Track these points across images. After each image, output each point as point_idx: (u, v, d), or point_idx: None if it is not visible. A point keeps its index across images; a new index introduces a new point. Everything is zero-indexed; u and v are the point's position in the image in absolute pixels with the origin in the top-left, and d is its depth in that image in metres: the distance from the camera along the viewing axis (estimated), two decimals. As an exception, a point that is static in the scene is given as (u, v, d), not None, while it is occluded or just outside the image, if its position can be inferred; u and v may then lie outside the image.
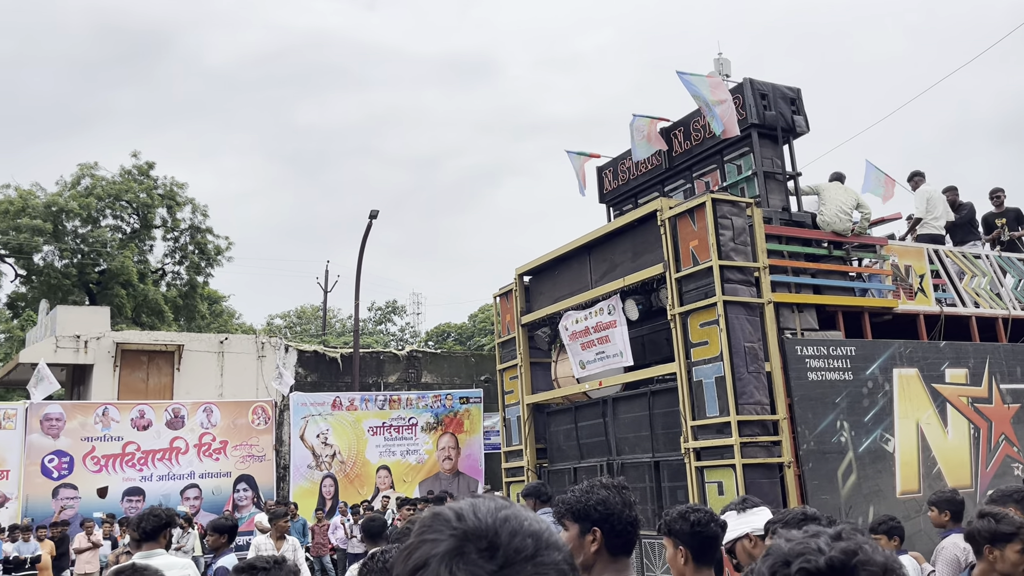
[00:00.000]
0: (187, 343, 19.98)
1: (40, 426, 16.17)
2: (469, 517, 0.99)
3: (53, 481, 16.09)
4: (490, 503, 1.03)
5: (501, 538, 0.96)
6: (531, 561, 0.95)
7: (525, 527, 0.99)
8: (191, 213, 34.23)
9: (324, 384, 21.29)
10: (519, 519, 1.00)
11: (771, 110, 9.54)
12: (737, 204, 8.44)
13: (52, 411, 16.45)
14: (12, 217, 29.68)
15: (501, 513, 1.00)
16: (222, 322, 36.40)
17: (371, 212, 21.51)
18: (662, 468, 8.85)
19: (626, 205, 11.69)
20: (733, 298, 8.03)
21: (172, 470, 17.16)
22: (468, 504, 1.03)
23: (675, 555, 3.09)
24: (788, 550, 1.21)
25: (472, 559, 0.94)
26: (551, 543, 0.99)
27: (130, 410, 17.12)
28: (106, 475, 16.58)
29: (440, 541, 0.97)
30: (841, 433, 8.26)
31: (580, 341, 10.11)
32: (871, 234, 10.27)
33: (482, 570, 0.93)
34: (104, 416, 16.80)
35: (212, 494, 17.36)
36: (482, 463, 19.77)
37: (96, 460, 16.53)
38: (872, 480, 8.27)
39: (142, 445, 16.97)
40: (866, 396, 8.54)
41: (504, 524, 0.98)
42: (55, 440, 16.27)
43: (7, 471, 15.79)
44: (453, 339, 43.18)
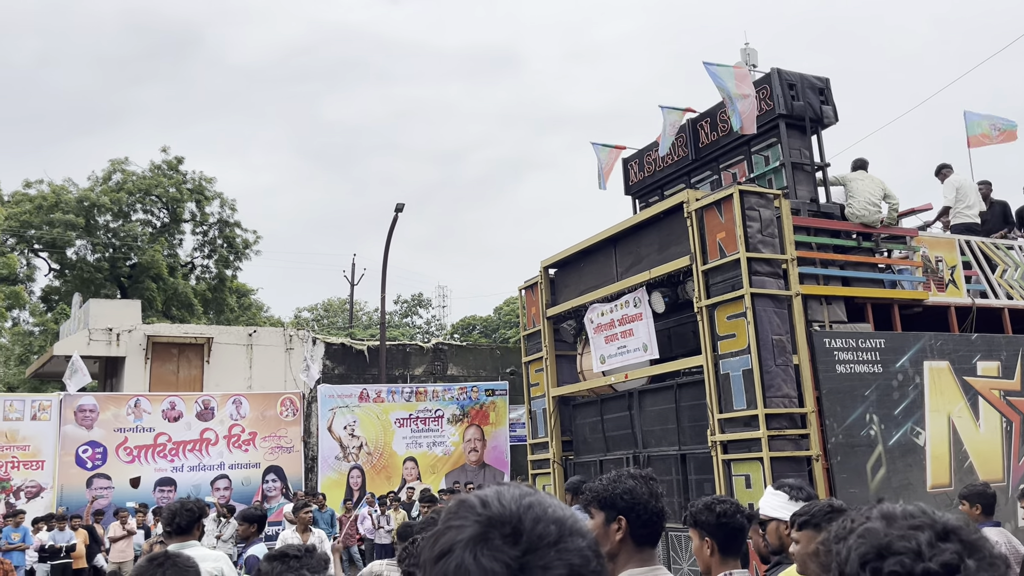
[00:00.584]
0: (216, 336, 20.21)
1: (74, 417, 16.47)
2: (494, 504, 1.01)
3: (87, 471, 16.39)
4: (515, 490, 1.04)
5: (524, 524, 0.97)
6: (554, 547, 0.96)
7: (549, 514, 1.00)
8: (219, 207, 34.63)
9: (351, 376, 21.44)
10: (543, 506, 1.01)
11: (799, 100, 9.44)
12: (765, 195, 8.37)
13: (86, 402, 16.74)
14: (46, 212, 30.20)
15: (525, 500, 1.01)
16: (250, 315, 36.79)
17: (396, 206, 21.61)
18: (688, 461, 8.83)
19: (652, 197, 11.64)
20: (761, 290, 7.98)
21: (202, 461, 17.41)
22: (493, 491, 1.04)
23: (701, 546, 3.10)
24: (885, 542, 1.10)
25: (496, 544, 0.96)
26: (575, 530, 1.00)
27: (161, 402, 17.38)
28: (138, 465, 16.85)
29: (465, 527, 0.99)
30: (870, 426, 8.18)
31: (604, 334, 10.10)
32: (901, 225, 10.15)
33: (505, 555, 0.95)
34: (136, 408, 17.07)
35: (242, 485, 17.58)
36: (508, 455, 19.82)
37: (128, 451, 16.81)
38: (902, 474, 8.18)
39: (173, 436, 17.23)
40: (896, 389, 8.45)
41: (528, 511, 0.99)
42: (89, 431, 16.56)
43: (42, 461, 16.10)
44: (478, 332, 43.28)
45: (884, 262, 9.53)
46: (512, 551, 0.95)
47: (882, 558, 1.09)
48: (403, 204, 21.60)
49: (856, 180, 9.47)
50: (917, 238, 9.77)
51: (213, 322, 31.96)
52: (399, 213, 21.67)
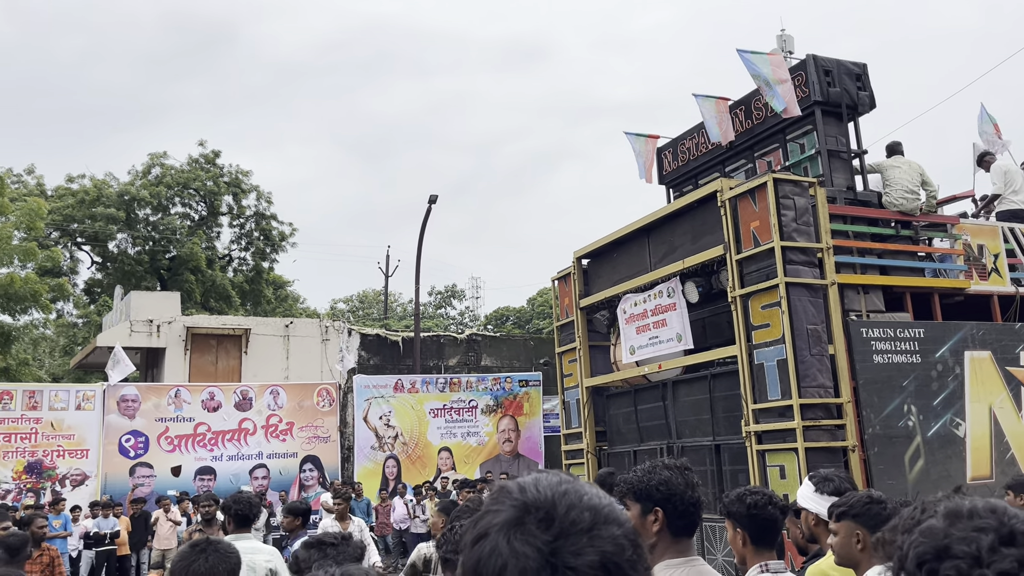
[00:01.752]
0: (254, 327, 20.50)
1: (117, 407, 16.84)
2: (530, 490, 1.03)
3: (130, 460, 16.75)
4: (553, 478, 1.06)
5: (558, 510, 0.99)
6: (587, 534, 0.97)
7: (584, 501, 1.01)
8: (256, 200, 35.05)
9: (386, 367, 21.63)
10: (579, 493, 1.02)
11: (835, 87, 9.29)
12: (800, 184, 8.27)
13: (128, 393, 17.10)
14: (88, 206, 30.81)
15: (561, 487, 1.03)
16: (287, 307, 37.23)
17: (430, 197, 21.69)
18: (723, 451, 8.79)
19: (686, 186, 11.56)
20: (796, 280, 7.90)
21: (241, 450, 17.69)
22: (532, 478, 1.06)
23: (735, 536, 3.10)
24: (944, 543, 1.07)
25: (529, 529, 0.98)
26: (611, 518, 1.00)
27: (201, 392, 17.69)
28: (179, 455, 17.18)
29: (501, 512, 1.01)
30: (908, 417, 8.07)
31: (635, 325, 10.07)
32: (941, 212, 9.96)
33: (538, 540, 0.97)
34: (176, 398, 17.40)
35: (279, 474, 17.85)
36: (542, 445, 19.87)
37: (169, 440, 17.14)
38: (941, 465, 8.06)
39: (212, 426, 17.53)
40: (935, 379, 8.31)
41: (563, 497, 1.01)
42: (131, 420, 16.91)
43: (87, 450, 16.49)
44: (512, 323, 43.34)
45: (924, 250, 9.37)
46: (544, 536, 0.97)
47: (940, 560, 1.06)
48: (436, 196, 21.68)
49: (893, 167, 9.31)
50: (958, 226, 9.59)
51: (250, 314, 32.41)
52: (432, 205, 21.76)
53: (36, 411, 16.21)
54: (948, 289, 9.20)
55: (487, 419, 19.62)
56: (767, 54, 9.25)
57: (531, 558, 0.95)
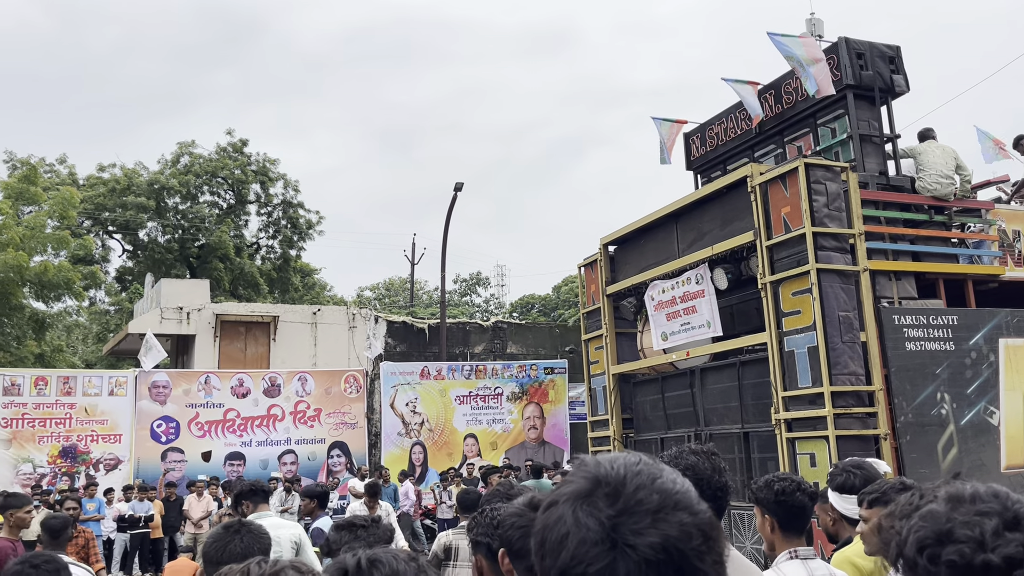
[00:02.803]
0: (282, 314, 20.68)
1: (148, 393, 17.09)
2: (605, 465, 1.03)
3: (161, 445, 17.01)
4: (632, 457, 1.05)
5: (627, 487, 0.99)
6: (653, 515, 0.96)
7: (656, 484, 1.00)
8: (283, 188, 35.26)
9: (412, 354, 21.73)
10: (652, 475, 1.01)
11: (868, 70, 9.14)
12: (831, 168, 8.16)
13: (159, 379, 17.34)
14: (119, 195, 31.21)
15: (636, 467, 1.02)
16: (314, 294, 37.50)
17: (456, 185, 21.68)
18: (751, 439, 8.73)
19: (714, 172, 11.45)
20: (827, 266, 7.80)
21: (270, 436, 17.89)
22: (612, 455, 1.06)
23: (763, 523, 3.08)
24: (946, 528, 1.05)
25: (595, 502, 0.98)
26: (682, 504, 0.99)
27: (230, 378, 17.89)
28: (209, 440, 17.41)
29: (574, 483, 1.03)
30: (942, 405, 7.96)
31: (665, 312, 10.01)
32: (975, 197, 9.78)
33: (601, 513, 0.97)
34: (206, 384, 17.61)
35: (308, 460, 18.02)
36: (567, 432, 19.88)
37: (200, 426, 17.37)
38: (975, 454, 7.95)
39: (241, 412, 17.73)
40: (969, 367, 8.19)
41: (635, 476, 1.00)
42: (162, 406, 17.16)
43: (120, 435, 16.76)
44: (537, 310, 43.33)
45: (958, 236, 9.21)
46: (608, 510, 0.97)
47: (941, 544, 1.04)
48: (462, 183, 21.67)
49: (926, 152, 9.15)
50: (993, 211, 9.41)
51: (278, 301, 32.70)
52: (458, 192, 21.76)
53: (70, 396, 16.50)
54: (982, 275, 9.04)
55: (512, 406, 19.66)
56: (799, 37, 9.13)
57: (592, 530, 0.96)
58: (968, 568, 1.01)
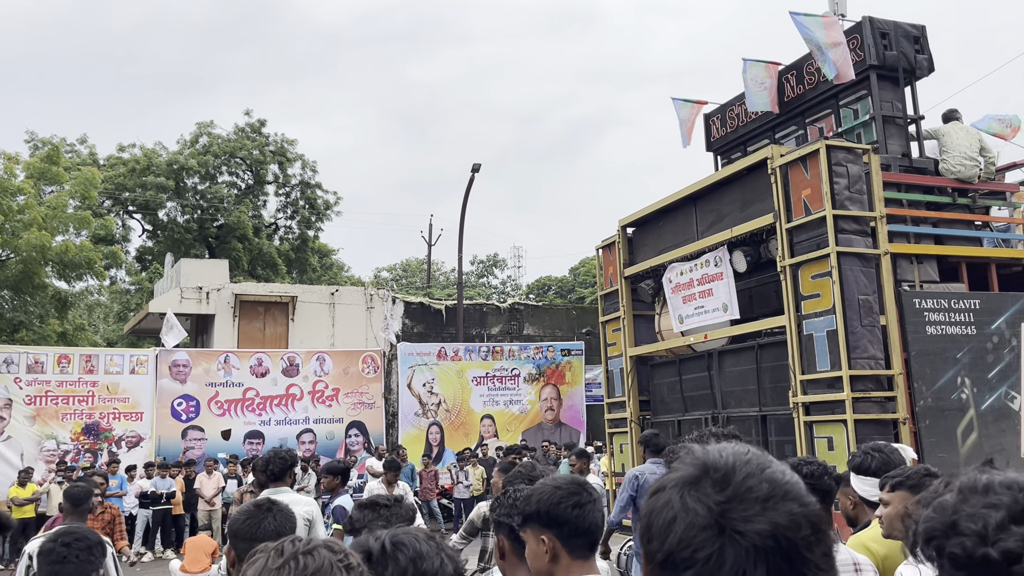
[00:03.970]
0: (300, 295, 20.79)
1: (169, 372, 17.27)
2: (713, 452, 1.04)
3: (182, 423, 17.21)
4: (740, 447, 1.06)
5: (736, 475, 0.99)
6: (762, 503, 0.97)
7: (766, 473, 1.00)
8: (301, 169, 35.34)
9: (429, 335, 21.81)
10: (761, 465, 1.01)
11: (892, 50, 9.02)
12: (853, 151, 8.08)
13: (179, 358, 17.52)
14: (138, 175, 31.40)
15: (746, 456, 1.03)
16: (332, 275, 37.65)
17: (473, 166, 21.64)
18: (769, 422, 8.72)
19: (734, 153, 11.36)
20: (847, 249, 7.75)
21: (288, 415, 18.05)
22: (720, 445, 1.07)
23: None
24: (952, 520, 1.05)
25: (704, 488, 0.99)
26: (792, 495, 0.99)
27: (249, 358, 18.04)
28: (229, 419, 17.59)
29: (682, 469, 1.04)
30: (962, 390, 7.91)
31: (682, 294, 9.99)
32: (1000, 179, 9.65)
33: (710, 499, 0.98)
34: (226, 363, 17.78)
35: (326, 439, 18.19)
36: (584, 414, 19.93)
37: (220, 404, 17.55)
38: (995, 439, 7.91)
39: (260, 391, 17.89)
40: (991, 351, 8.12)
41: (744, 465, 1.01)
42: (182, 385, 17.34)
43: (141, 413, 16.97)
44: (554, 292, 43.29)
45: (981, 219, 9.11)
46: (717, 496, 0.98)
47: (947, 537, 1.04)
48: (479, 164, 21.63)
49: (951, 133, 9.03)
50: (1018, 194, 9.29)
51: (296, 281, 32.87)
52: (476, 173, 21.72)
53: (92, 375, 16.70)
54: (1006, 259, 8.95)
55: (529, 387, 19.72)
56: (821, 16, 9.00)
57: (700, 515, 0.97)
58: (968, 561, 1.00)
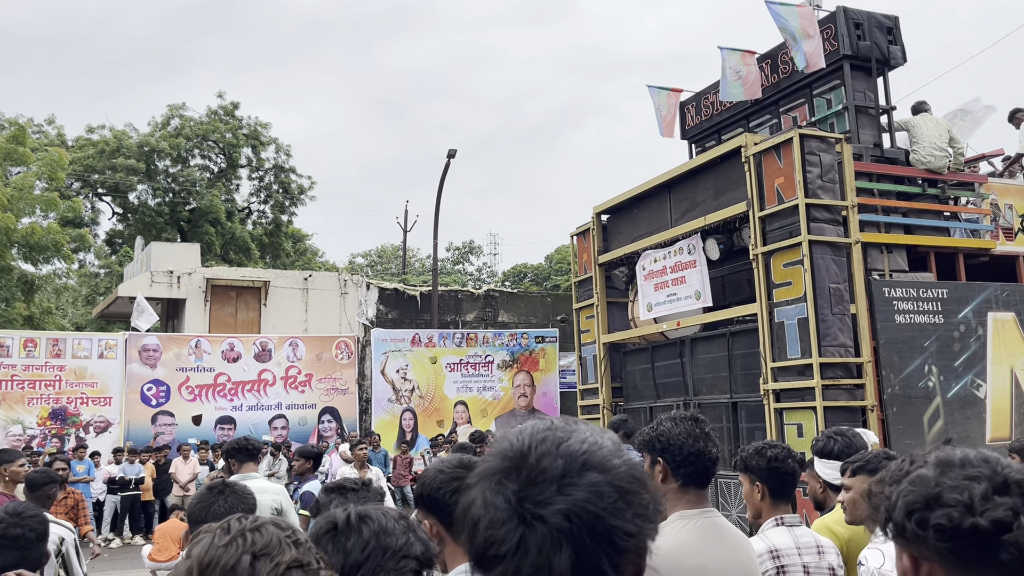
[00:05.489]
0: (273, 279, 20.61)
1: (139, 356, 17.06)
2: (511, 439, 1.01)
3: (151, 408, 17.01)
4: (541, 424, 1.02)
5: (528, 459, 0.96)
6: (557, 482, 0.94)
7: (561, 448, 0.97)
8: (275, 153, 34.97)
9: (404, 321, 21.73)
10: (558, 440, 0.98)
11: (865, 40, 9.07)
12: (826, 140, 8.13)
13: (149, 342, 17.30)
14: (108, 157, 30.89)
15: (541, 434, 1.00)
16: (306, 260, 37.36)
17: (449, 152, 21.54)
18: (740, 409, 8.79)
19: (709, 142, 11.39)
20: (819, 237, 7.80)
21: (260, 401, 17.92)
22: (522, 426, 1.04)
23: (751, 491, 3.09)
24: (935, 492, 1.04)
25: (501, 480, 0.97)
26: (591, 464, 0.96)
27: (221, 343, 17.87)
28: (200, 404, 17.43)
29: (486, 462, 1.01)
30: (929, 378, 8.02)
31: (653, 282, 10.02)
32: (970, 171, 9.77)
33: (507, 489, 0.95)
34: (197, 348, 17.59)
35: (299, 425, 18.09)
36: (557, 401, 19.98)
37: (190, 389, 17.38)
38: (960, 426, 8.03)
39: (232, 376, 17.74)
40: (957, 340, 8.24)
41: (539, 444, 0.98)
42: (152, 370, 17.14)
43: (110, 398, 16.76)
44: (530, 279, 43.32)
45: (950, 209, 9.22)
46: (512, 485, 0.95)
47: (930, 509, 1.04)
48: (455, 150, 21.53)
49: (921, 124, 9.12)
50: (987, 184, 9.41)
51: (269, 266, 32.58)
52: (451, 159, 21.62)
53: (60, 359, 16.45)
54: (973, 249, 9.07)
55: (503, 374, 19.73)
56: (796, 6, 9.03)
57: (500, 508, 0.94)
58: (956, 532, 1.01)
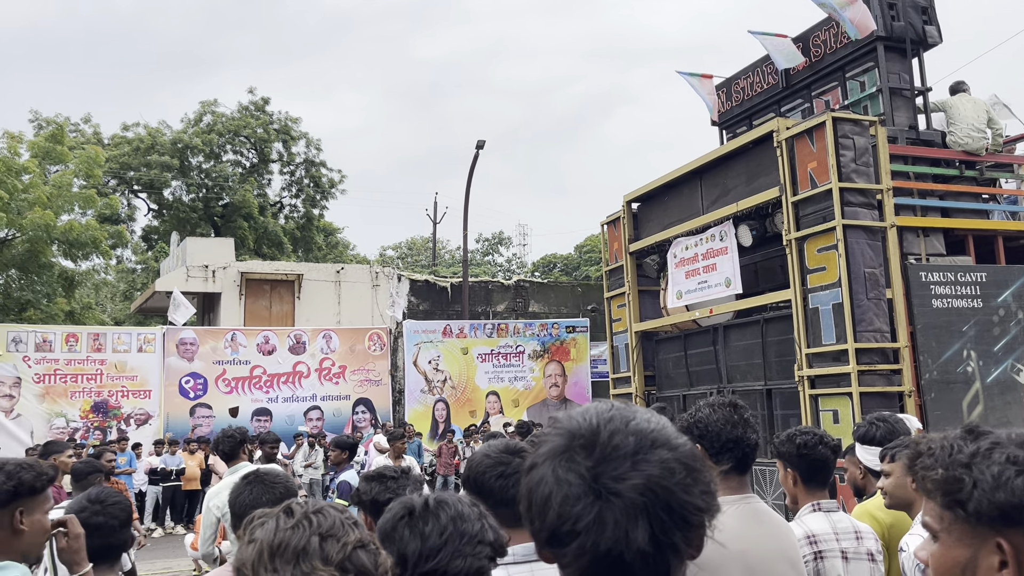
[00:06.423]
0: (306, 273, 20.82)
1: (176, 350, 17.36)
2: (577, 418, 1.05)
3: (190, 401, 17.31)
4: (603, 405, 1.06)
5: (601, 436, 1.00)
6: (631, 458, 0.98)
7: (630, 427, 1.01)
8: (305, 147, 35.25)
9: (435, 312, 21.85)
10: (625, 419, 1.02)
11: (899, 20, 8.92)
12: (859, 123, 8.01)
13: (186, 336, 17.60)
14: (143, 154, 31.35)
15: (608, 414, 1.04)
16: (337, 253, 37.67)
17: (477, 143, 21.58)
18: (775, 396, 8.74)
19: (740, 127, 11.29)
20: (853, 222, 7.71)
21: (295, 392, 18.15)
22: (583, 407, 1.08)
23: (786, 477, 3.10)
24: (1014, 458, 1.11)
25: (572, 456, 1.00)
26: (659, 441, 1.00)
27: (256, 336, 18.11)
28: (236, 396, 17.70)
29: (550, 442, 1.04)
30: (968, 363, 7.90)
31: (684, 269, 9.97)
32: (1009, 152, 9.58)
33: (580, 466, 0.98)
34: (233, 341, 17.85)
35: (333, 416, 18.30)
36: (589, 390, 20.00)
37: (227, 382, 17.65)
38: (1000, 411, 7.91)
39: (268, 369, 17.99)
40: (997, 324, 8.11)
41: (608, 423, 1.02)
42: (190, 363, 17.43)
43: (149, 391, 17.08)
44: (559, 270, 43.27)
45: (988, 191, 9.05)
46: (586, 462, 0.98)
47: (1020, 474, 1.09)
48: (484, 141, 21.56)
49: (958, 105, 8.96)
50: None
51: (302, 260, 32.89)
52: (480, 150, 21.66)
53: (100, 353, 16.80)
54: (1013, 232, 8.90)
55: (534, 364, 19.78)
56: (828, -14, 8.91)
57: (574, 485, 0.97)
58: None
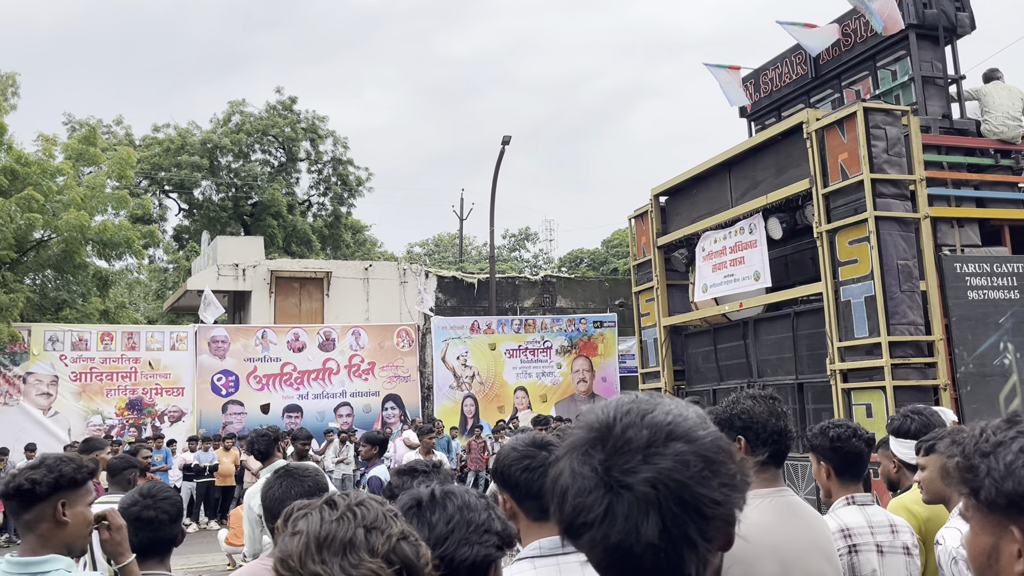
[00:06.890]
0: (335, 270, 20.96)
1: (208, 348, 17.58)
2: (597, 412, 1.05)
3: (222, 398, 17.53)
4: (626, 399, 1.06)
5: (614, 430, 1.00)
6: (643, 451, 0.97)
7: (647, 419, 1.00)
8: (332, 145, 35.46)
9: (462, 309, 21.89)
10: (643, 411, 1.01)
11: (932, 8, 8.78)
12: (891, 112, 7.90)
13: (218, 334, 17.81)
14: (173, 155, 31.76)
15: (626, 407, 1.03)
16: (365, 250, 37.88)
17: (503, 138, 21.56)
18: (806, 390, 8.66)
19: (769, 119, 11.18)
20: (886, 213, 7.61)
21: (326, 389, 18.30)
22: (607, 401, 1.08)
23: (819, 470, 3.08)
24: None
25: (587, 450, 1.00)
26: (676, 434, 0.98)
27: (286, 333, 18.29)
28: (267, 393, 17.88)
29: (572, 435, 1.05)
30: (1005, 355, 7.77)
31: (712, 263, 9.90)
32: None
33: (594, 459, 0.99)
34: (263, 339, 18.04)
35: (363, 412, 18.42)
36: (617, 385, 19.93)
37: (258, 379, 17.84)
38: (1039, 404, 7.77)
39: (298, 366, 18.15)
40: (1034, 316, 7.96)
41: (624, 416, 1.01)
42: (221, 360, 17.65)
43: (182, 388, 17.32)
44: (586, 264, 43.16)
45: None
46: (599, 455, 0.99)
47: None
48: (509, 137, 21.53)
49: (992, 93, 8.79)
50: (1063, 154, 9.03)
51: (330, 257, 33.12)
52: (506, 146, 21.64)
53: (135, 351, 17.07)
54: (1051, 222, 8.73)
55: (562, 359, 19.76)
56: (858, -26, 8.79)
57: (587, 478, 0.98)
58: None
